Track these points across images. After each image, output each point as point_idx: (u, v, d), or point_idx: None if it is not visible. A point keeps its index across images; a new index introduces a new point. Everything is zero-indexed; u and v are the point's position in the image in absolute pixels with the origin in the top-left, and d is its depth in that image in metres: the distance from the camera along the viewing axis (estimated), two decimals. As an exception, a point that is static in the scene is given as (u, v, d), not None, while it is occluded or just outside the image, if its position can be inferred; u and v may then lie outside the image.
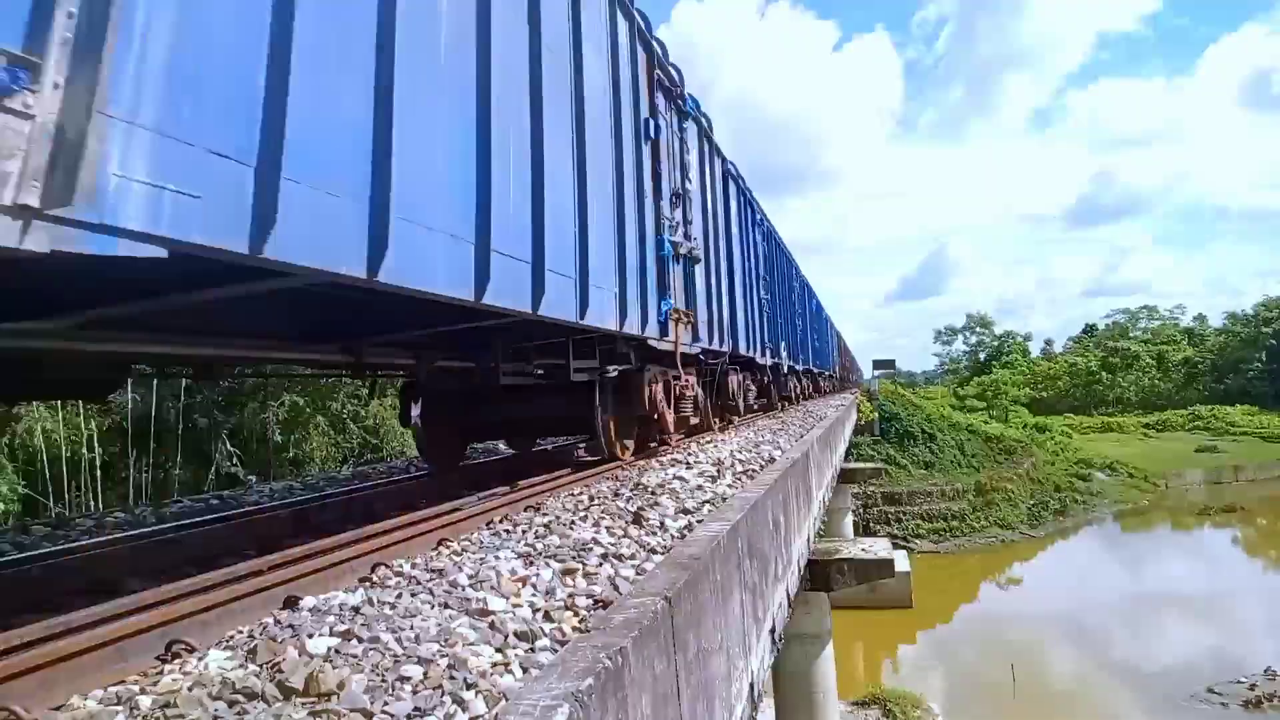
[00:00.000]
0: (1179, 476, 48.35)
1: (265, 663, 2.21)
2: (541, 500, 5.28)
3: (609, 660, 2.04)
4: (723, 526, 3.84)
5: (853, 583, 10.23)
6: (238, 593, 2.87)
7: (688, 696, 2.69)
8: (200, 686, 2.07)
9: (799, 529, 7.06)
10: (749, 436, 9.95)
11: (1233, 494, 44.38)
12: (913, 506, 35.08)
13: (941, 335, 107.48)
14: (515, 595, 2.87)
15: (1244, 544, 34.98)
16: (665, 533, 4.08)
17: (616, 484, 5.81)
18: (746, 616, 4.00)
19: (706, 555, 3.27)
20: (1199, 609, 25.19)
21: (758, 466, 6.98)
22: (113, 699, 2.11)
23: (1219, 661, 19.87)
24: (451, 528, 4.25)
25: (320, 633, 2.46)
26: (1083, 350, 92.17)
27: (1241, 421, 63.22)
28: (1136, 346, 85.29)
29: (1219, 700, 17.55)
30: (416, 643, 2.35)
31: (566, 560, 3.38)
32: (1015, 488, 38.16)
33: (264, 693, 2.01)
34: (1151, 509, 42.66)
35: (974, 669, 20.86)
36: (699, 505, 4.88)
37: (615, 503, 4.92)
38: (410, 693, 2.01)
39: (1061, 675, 20.34)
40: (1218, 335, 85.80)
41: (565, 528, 4.11)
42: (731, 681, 3.51)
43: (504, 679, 2.12)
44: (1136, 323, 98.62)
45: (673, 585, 2.75)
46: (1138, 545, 35.43)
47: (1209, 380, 78.89)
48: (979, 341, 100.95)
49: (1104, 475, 46.42)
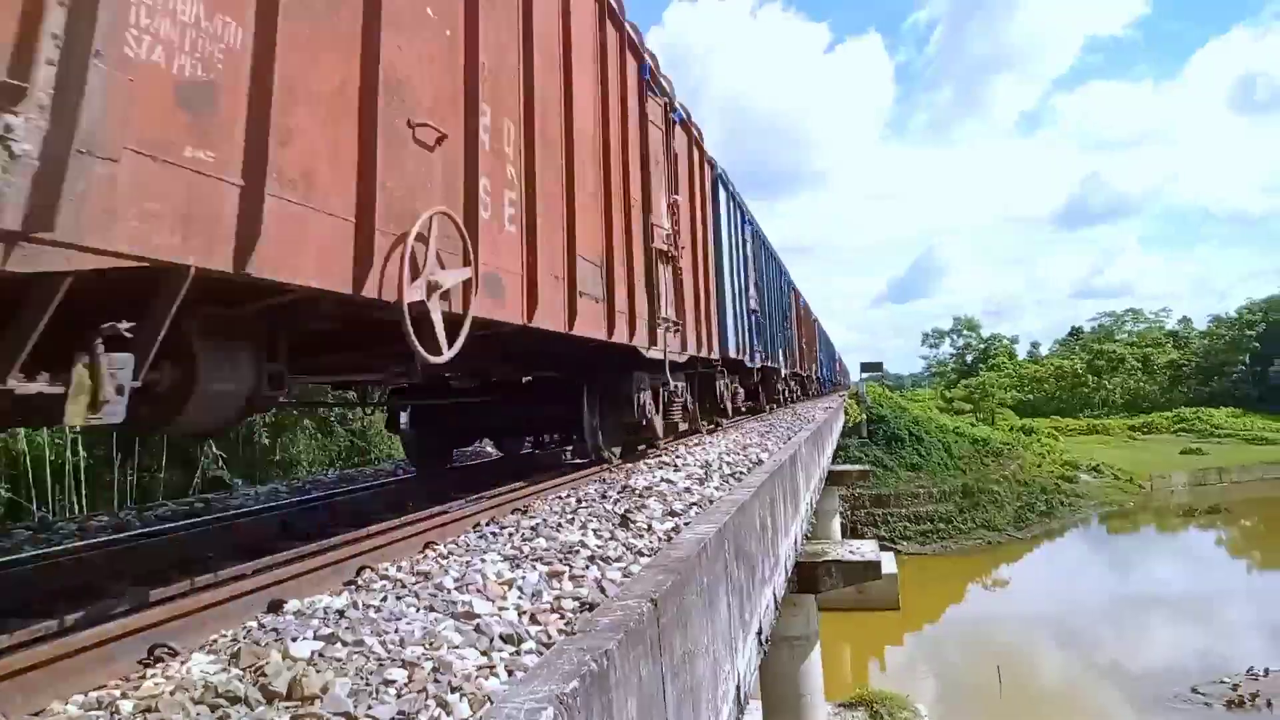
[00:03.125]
0: (1164, 478, 48.74)
1: (248, 666, 2.20)
2: (529, 503, 5.27)
3: (594, 663, 2.04)
4: (710, 529, 3.85)
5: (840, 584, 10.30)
6: (221, 596, 2.85)
7: (673, 699, 2.70)
8: (182, 691, 2.06)
9: (786, 531, 7.08)
10: (737, 439, 9.96)
11: (1217, 495, 44.85)
12: (900, 508, 35.18)
13: (929, 338, 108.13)
14: (501, 598, 2.87)
15: (1228, 545, 35.32)
16: (652, 535, 4.09)
17: (604, 486, 5.80)
18: (733, 619, 4.01)
19: (693, 558, 3.27)
20: (1184, 610, 25.38)
21: (745, 469, 6.99)
22: (94, 704, 2.09)
23: (1203, 662, 20.03)
24: (438, 530, 4.23)
25: (304, 636, 2.44)
26: (1069, 353, 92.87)
27: (1226, 424, 63.87)
28: (1122, 349, 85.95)
29: (1203, 700, 17.69)
30: (401, 646, 2.35)
31: (553, 563, 3.38)
32: (1002, 490, 38.35)
33: (247, 696, 2.00)
34: (1137, 511, 43.00)
35: (961, 670, 20.95)
36: (686, 508, 4.88)
37: (603, 505, 4.92)
38: (394, 696, 2.01)
39: (1048, 676, 20.45)
40: (1202, 338, 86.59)
41: (552, 530, 4.11)
42: (718, 684, 3.51)
43: (489, 682, 2.12)
44: (1122, 325, 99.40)
45: (659, 588, 2.76)
46: (1123, 547, 35.70)
47: (1194, 383, 79.60)
48: (966, 344, 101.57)
49: (1090, 477, 46.73)
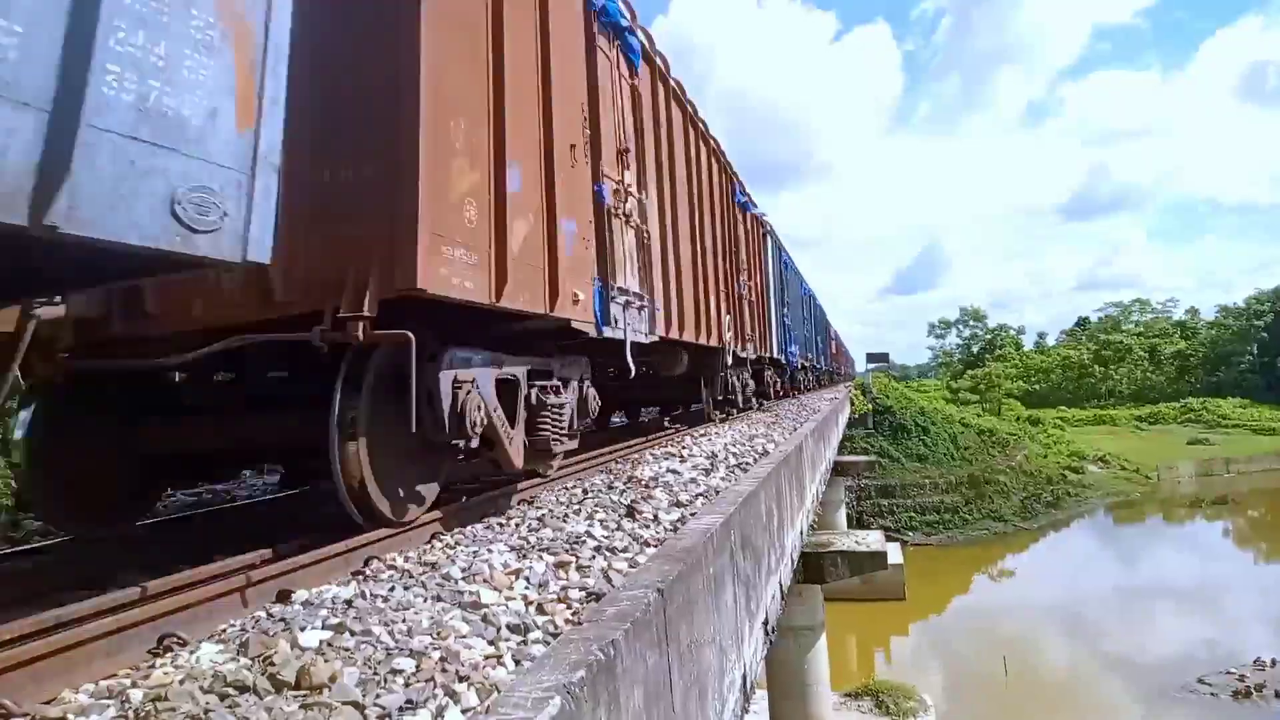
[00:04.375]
0: (1171, 469, 48.60)
1: (257, 656, 2.21)
2: (536, 493, 5.28)
3: (601, 652, 2.04)
4: (716, 519, 3.85)
5: (846, 575, 10.30)
6: (229, 586, 2.86)
7: (680, 688, 2.70)
8: (191, 680, 2.07)
9: (792, 521, 7.08)
10: (743, 430, 9.96)
11: (1224, 486, 44.66)
12: (906, 499, 35.17)
13: (935, 329, 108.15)
14: (508, 588, 2.87)
15: (1235, 536, 35.23)
16: (659, 526, 4.09)
17: (610, 477, 5.81)
18: (739, 609, 4.01)
19: (699, 548, 3.27)
20: (1190, 601, 25.35)
21: (751, 460, 6.99)
22: (104, 693, 2.11)
23: (1209, 652, 20.03)
24: (445, 521, 4.24)
25: (312, 626, 2.45)
26: (1075, 344, 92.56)
27: (1233, 414, 63.59)
28: (1129, 340, 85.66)
29: (1209, 691, 17.69)
30: (409, 636, 2.35)
31: (560, 553, 3.38)
32: (1008, 480, 38.31)
33: (255, 686, 2.01)
34: (1143, 501, 42.90)
35: (966, 660, 20.98)
36: (692, 498, 4.89)
37: (609, 496, 4.92)
38: (402, 685, 2.01)
39: (1053, 666, 20.47)
40: (1209, 329, 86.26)
41: (559, 521, 4.11)
42: (724, 673, 3.52)
43: (496, 671, 2.12)
44: (1129, 316, 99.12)
45: (666, 578, 2.76)
46: (1130, 537, 35.63)
47: (1201, 373, 79.29)
48: (972, 335, 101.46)
49: (1096, 468, 46.63)
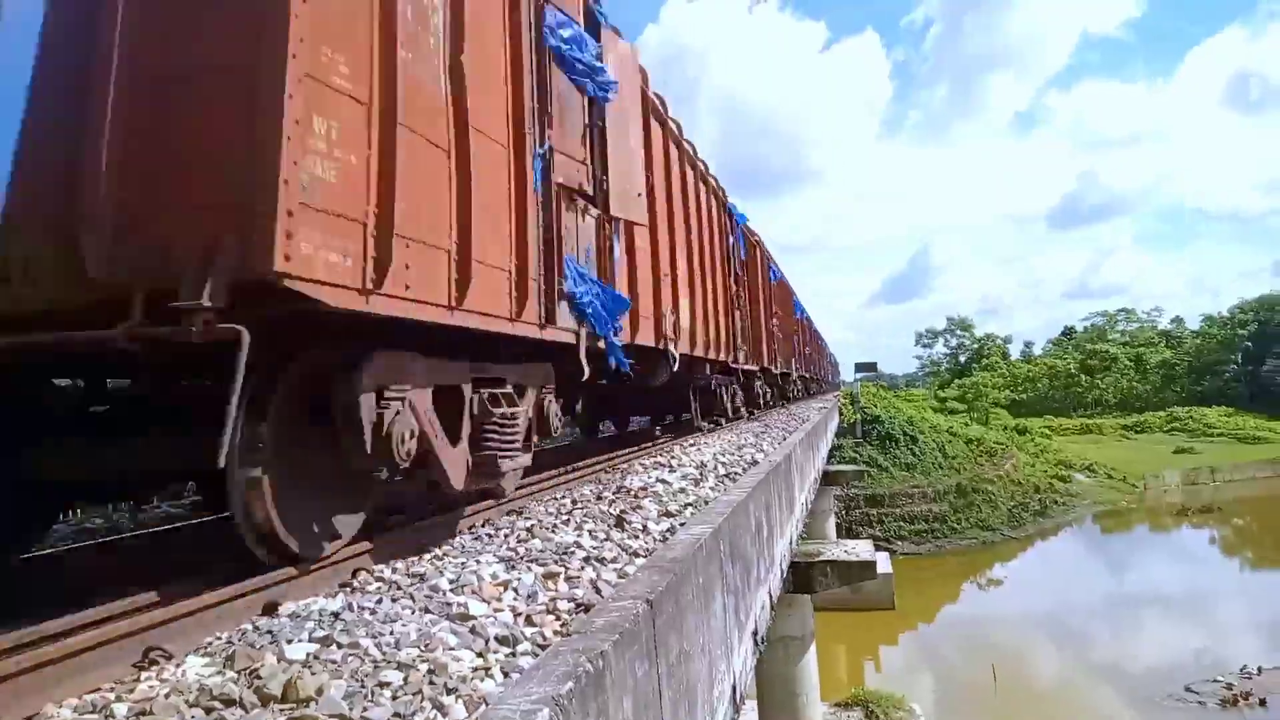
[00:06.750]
0: (1157, 477, 48.89)
1: (243, 669, 2.19)
2: (524, 504, 5.27)
3: (590, 664, 2.04)
4: (705, 529, 3.85)
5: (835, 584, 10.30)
6: (216, 599, 2.84)
7: (669, 699, 2.70)
8: (177, 693, 2.05)
9: (781, 531, 7.09)
10: (732, 439, 9.97)
11: (1210, 495, 45.00)
12: (895, 508, 35.25)
13: (923, 338, 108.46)
14: (496, 600, 2.86)
15: (1221, 544, 35.45)
16: (648, 536, 4.09)
17: (599, 487, 5.81)
18: (729, 619, 4.01)
19: (689, 558, 3.28)
20: (1177, 609, 25.50)
21: (740, 469, 7.00)
22: (88, 707, 2.09)
23: (1197, 660, 20.13)
24: (433, 532, 4.22)
25: (299, 639, 2.44)
26: (1062, 353, 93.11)
27: (1218, 423, 64.05)
28: (1115, 349, 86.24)
29: (1196, 699, 17.77)
30: (396, 648, 2.34)
31: (549, 564, 3.37)
32: (996, 489, 38.45)
33: (242, 699, 1.99)
34: (1130, 510, 43.14)
35: (956, 669, 21.01)
36: (682, 508, 4.89)
37: (598, 506, 4.92)
38: (390, 698, 2.00)
39: (1042, 675, 20.53)
40: (1195, 337, 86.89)
41: (548, 531, 4.10)
42: (714, 684, 3.52)
43: (484, 684, 2.12)
44: (1115, 325, 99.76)
45: (655, 588, 2.76)
46: (1117, 546, 35.84)
47: (1186, 382, 79.86)
48: (959, 344, 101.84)
49: (1083, 477, 46.90)
